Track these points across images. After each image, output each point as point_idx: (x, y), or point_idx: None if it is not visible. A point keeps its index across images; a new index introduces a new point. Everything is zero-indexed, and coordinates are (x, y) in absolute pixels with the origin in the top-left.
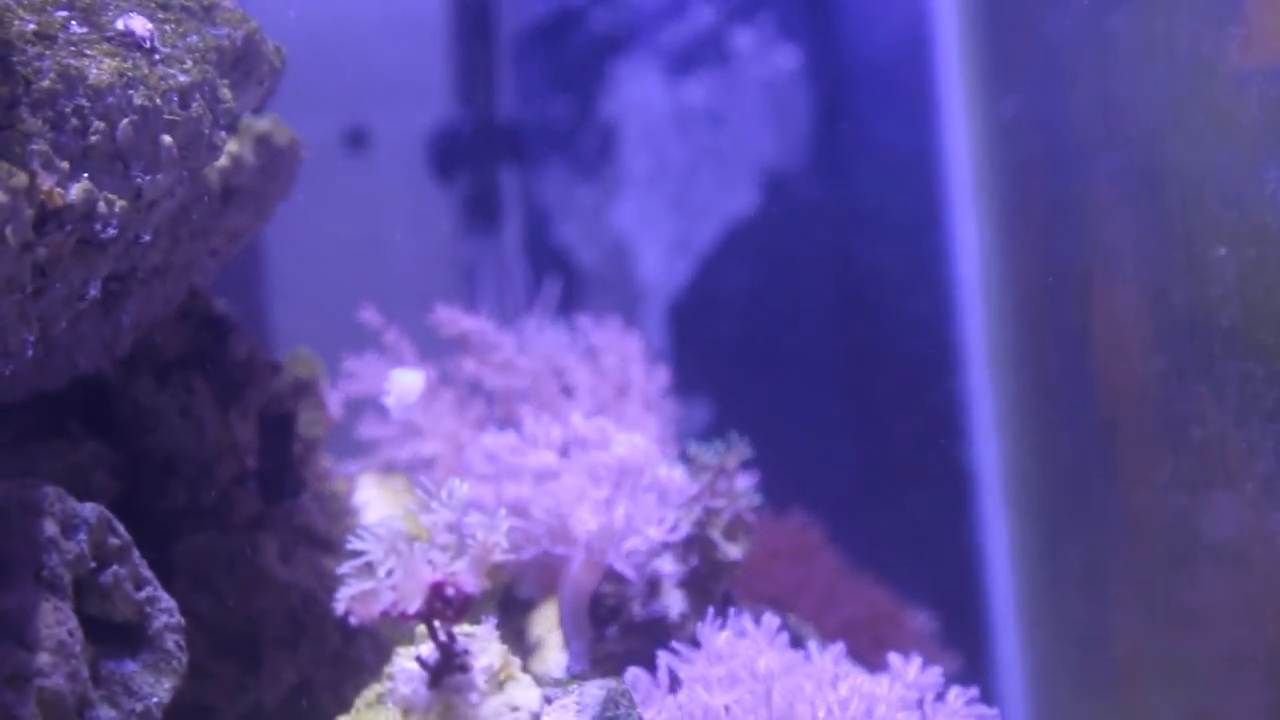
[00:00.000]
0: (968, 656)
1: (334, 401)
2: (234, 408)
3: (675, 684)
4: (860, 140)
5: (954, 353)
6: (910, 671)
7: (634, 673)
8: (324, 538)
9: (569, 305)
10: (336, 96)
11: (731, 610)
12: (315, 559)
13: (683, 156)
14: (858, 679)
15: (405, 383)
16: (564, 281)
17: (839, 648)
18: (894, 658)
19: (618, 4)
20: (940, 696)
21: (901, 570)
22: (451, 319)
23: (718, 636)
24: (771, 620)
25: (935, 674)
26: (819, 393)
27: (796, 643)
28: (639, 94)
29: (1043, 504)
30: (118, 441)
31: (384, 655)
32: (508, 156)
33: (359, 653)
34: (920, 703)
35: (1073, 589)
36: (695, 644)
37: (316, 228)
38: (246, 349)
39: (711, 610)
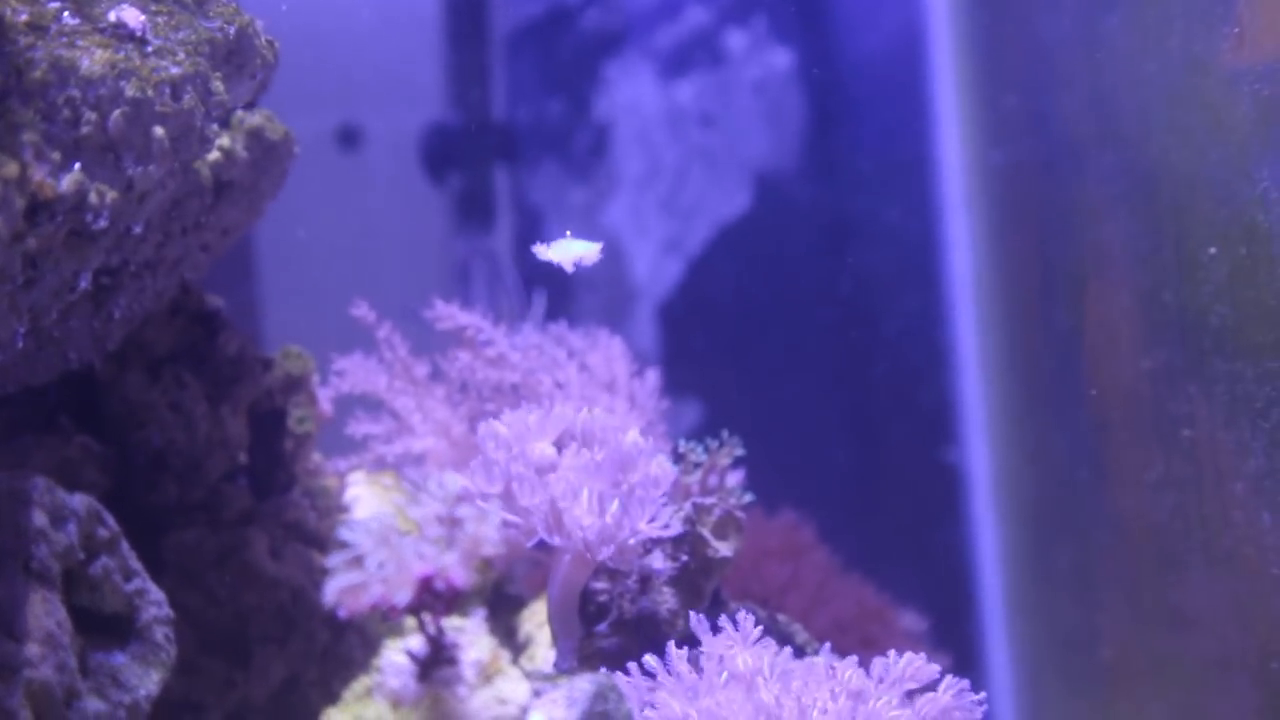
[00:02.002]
0: (957, 657)
1: (324, 398)
2: (225, 404)
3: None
4: (852, 142)
5: (945, 353)
6: (899, 665)
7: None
8: (314, 534)
9: (560, 306)
10: (329, 95)
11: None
12: (305, 555)
13: (675, 157)
14: (846, 673)
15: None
16: (555, 282)
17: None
18: (879, 661)
19: (610, 5)
20: (929, 688)
21: (892, 570)
22: (448, 314)
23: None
24: (749, 619)
25: (926, 667)
26: (810, 393)
27: (785, 641)
28: (631, 95)
29: (1033, 504)
30: (108, 436)
31: (373, 651)
32: (500, 156)
33: (348, 648)
34: (910, 695)
35: (1062, 589)
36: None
37: (308, 225)
38: (238, 345)
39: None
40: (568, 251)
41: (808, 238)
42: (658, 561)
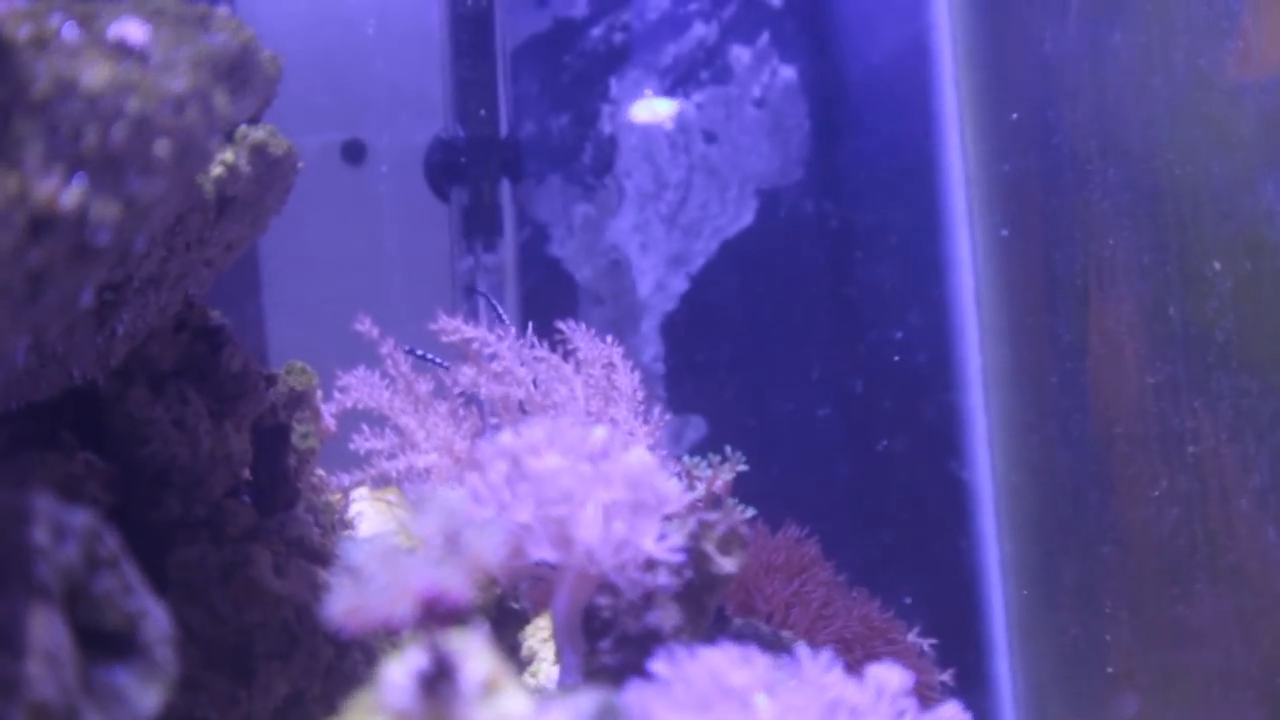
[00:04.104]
0: (962, 672)
1: (328, 414)
2: (228, 419)
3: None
4: (856, 156)
5: (949, 368)
6: (893, 681)
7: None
8: (317, 550)
9: (566, 321)
10: (333, 110)
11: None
12: (309, 571)
13: (680, 172)
14: (844, 690)
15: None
16: (560, 298)
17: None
18: (874, 669)
19: (615, 21)
20: (926, 708)
21: (896, 586)
22: (453, 327)
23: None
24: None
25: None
26: (814, 407)
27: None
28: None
29: (1037, 519)
30: (111, 453)
31: (376, 667)
32: (505, 172)
33: (352, 664)
34: (902, 714)
35: (1067, 604)
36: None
37: (312, 241)
38: (241, 361)
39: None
40: (653, 110)
41: (812, 251)
42: (661, 577)
